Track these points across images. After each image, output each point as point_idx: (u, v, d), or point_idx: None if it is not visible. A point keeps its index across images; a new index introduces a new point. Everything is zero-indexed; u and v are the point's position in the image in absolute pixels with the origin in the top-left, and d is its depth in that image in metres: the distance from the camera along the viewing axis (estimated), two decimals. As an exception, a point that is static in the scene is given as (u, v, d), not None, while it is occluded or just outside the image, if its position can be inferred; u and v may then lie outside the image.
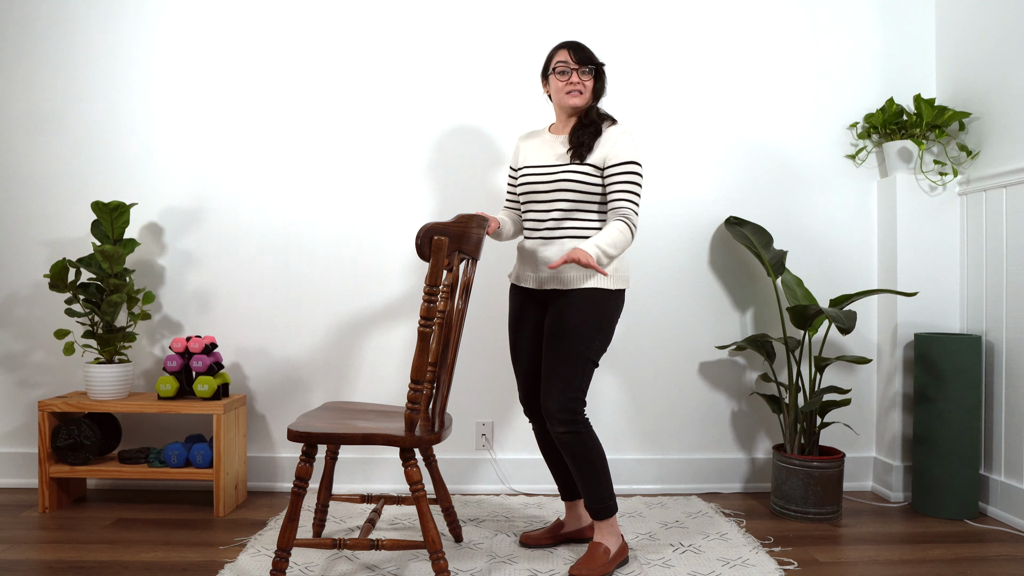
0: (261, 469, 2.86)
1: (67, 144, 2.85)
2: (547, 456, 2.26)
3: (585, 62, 2.10)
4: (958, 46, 2.81)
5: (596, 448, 2.05)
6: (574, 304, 2.06)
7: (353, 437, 1.82)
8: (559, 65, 2.10)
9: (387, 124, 2.86)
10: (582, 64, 2.10)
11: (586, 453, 2.03)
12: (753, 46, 2.90)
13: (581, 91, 2.11)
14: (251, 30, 2.85)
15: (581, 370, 2.04)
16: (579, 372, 2.04)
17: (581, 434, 2.03)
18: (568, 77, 2.10)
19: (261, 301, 2.86)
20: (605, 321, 2.07)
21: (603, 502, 2.07)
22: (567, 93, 2.11)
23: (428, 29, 2.86)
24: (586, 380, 2.06)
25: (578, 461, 2.04)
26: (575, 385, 2.03)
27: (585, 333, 2.04)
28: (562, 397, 2.02)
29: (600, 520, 2.09)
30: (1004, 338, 2.57)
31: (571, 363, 2.03)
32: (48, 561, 2.12)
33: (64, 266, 2.54)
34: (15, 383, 2.86)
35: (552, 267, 1.91)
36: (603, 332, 2.07)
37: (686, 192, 2.89)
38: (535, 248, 2.14)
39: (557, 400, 2.02)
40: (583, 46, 2.13)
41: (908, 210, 2.78)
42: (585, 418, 2.06)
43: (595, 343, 2.06)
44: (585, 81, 2.11)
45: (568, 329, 2.04)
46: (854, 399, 2.92)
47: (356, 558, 2.16)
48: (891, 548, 2.29)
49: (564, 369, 2.03)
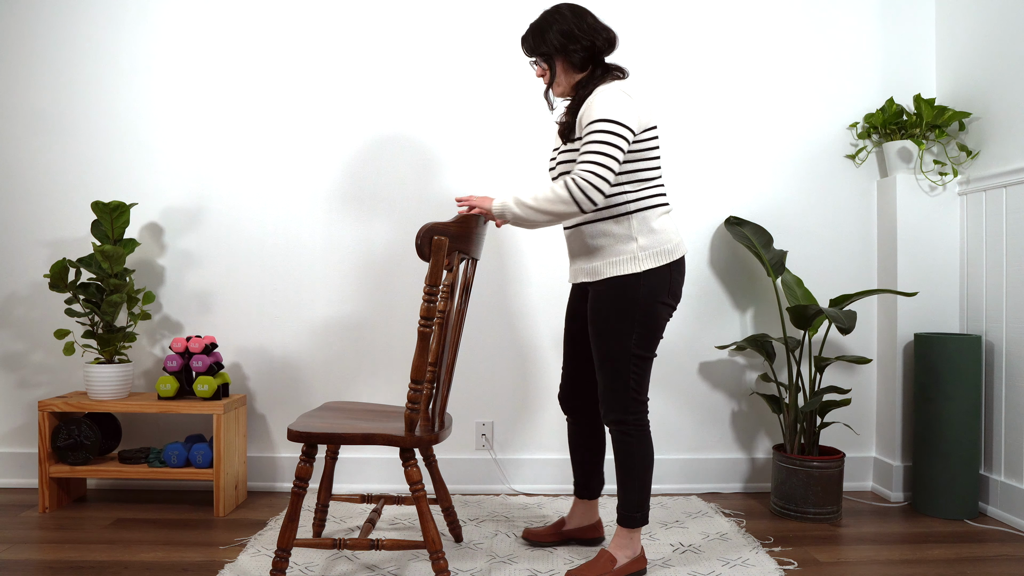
0: (261, 469, 2.86)
1: (67, 144, 2.85)
2: (572, 450, 2.23)
3: (532, 52, 1.99)
4: (958, 46, 2.81)
5: (640, 455, 1.96)
6: (601, 298, 1.95)
7: (353, 437, 1.81)
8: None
9: (387, 124, 2.86)
10: (531, 55, 1.99)
11: (626, 456, 1.97)
12: (753, 46, 2.90)
13: (547, 81, 2.00)
14: (251, 30, 2.85)
15: (624, 369, 1.93)
16: (622, 371, 1.93)
17: (629, 435, 1.96)
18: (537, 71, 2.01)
19: (261, 301, 2.86)
20: (638, 310, 1.91)
21: (631, 510, 1.99)
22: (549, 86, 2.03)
23: (427, 28, 2.86)
24: (635, 377, 1.93)
25: (618, 460, 1.99)
26: (622, 385, 1.93)
27: (617, 328, 1.92)
28: (609, 397, 1.96)
29: (623, 527, 2.01)
30: (1004, 338, 2.57)
31: (611, 363, 1.94)
32: (48, 561, 2.12)
33: (64, 266, 2.54)
34: (15, 383, 2.86)
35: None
36: (640, 323, 1.91)
37: (686, 192, 2.89)
38: (567, 240, 2.08)
39: (605, 401, 1.97)
40: (525, 35, 1.99)
41: (908, 210, 2.78)
42: (638, 420, 1.95)
43: (633, 336, 1.91)
44: (544, 70, 1.99)
45: (598, 326, 1.95)
46: (854, 399, 2.92)
47: (356, 558, 2.16)
48: (891, 548, 2.29)
49: (606, 370, 1.95)
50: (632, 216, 1.93)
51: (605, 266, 1.94)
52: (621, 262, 1.92)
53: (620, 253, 1.93)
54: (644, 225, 1.92)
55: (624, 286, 1.92)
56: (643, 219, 1.93)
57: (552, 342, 2.87)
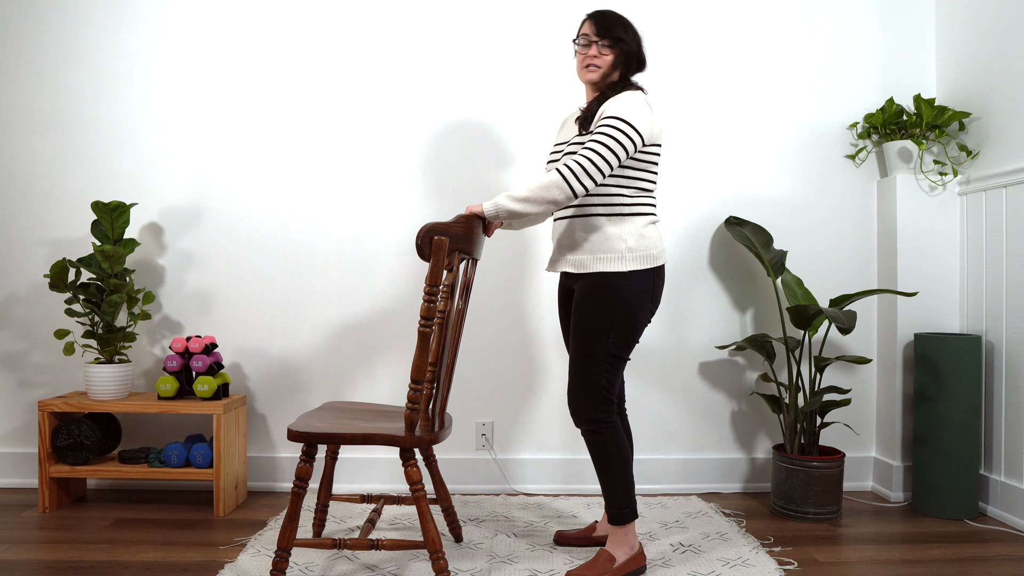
0: (261, 469, 2.86)
1: (67, 144, 2.85)
2: None
3: (605, 34, 1.98)
4: (958, 46, 2.81)
5: (616, 453, 1.98)
6: (585, 292, 1.97)
7: (353, 437, 1.81)
8: (581, 38, 2.03)
9: (387, 124, 2.86)
10: (602, 37, 1.98)
11: (603, 456, 1.98)
12: (753, 46, 2.90)
13: (599, 65, 2.00)
14: (251, 30, 2.85)
15: (599, 368, 1.95)
16: (596, 370, 1.95)
17: (602, 435, 1.97)
18: (587, 50, 2.00)
19: (261, 301, 2.86)
20: (620, 310, 1.93)
21: (619, 508, 2.01)
22: (585, 67, 2.02)
23: (427, 27, 2.86)
24: (606, 378, 1.95)
25: (596, 462, 2.01)
26: (593, 384, 1.95)
27: (597, 326, 1.93)
28: (579, 396, 1.97)
29: (614, 525, 2.04)
30: (1004, 338, 2.57)
31: (586, 360, 1.95)
32: (48, 561, 2.12)
33: (64, 266, 2.54)
34: (15, 383, 2.86)
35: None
36: (620, 322, 1.93)
37: (686, 192, 2.89)
38: (555, 230, 2.10)
39: (575, 400, 1.98)
40: (606, 15, 2.00)
41: (908, 210, 2.78)
42: (608, 418, 1.97)
43: (611, 336, 1.94)
44: (604, 55, 1.99)
45: (580, 322, 1.96)
46: (854, 399, 2.92)
47: (356, 558, 2.16)
48: (891, 548, 2.29)
49: (581, 367, 1.96)
50: (627, 219, 1.98)
51: (592, 261, 1.97)
52: (609, 259, 1.95)
53: (609, 251, 1.96)
54: (636, 229, 1.97)
55: (610, 284, 1.95)
56: (636, 224, 1.98)
57: (552, 342, 2.87)
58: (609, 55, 2.00)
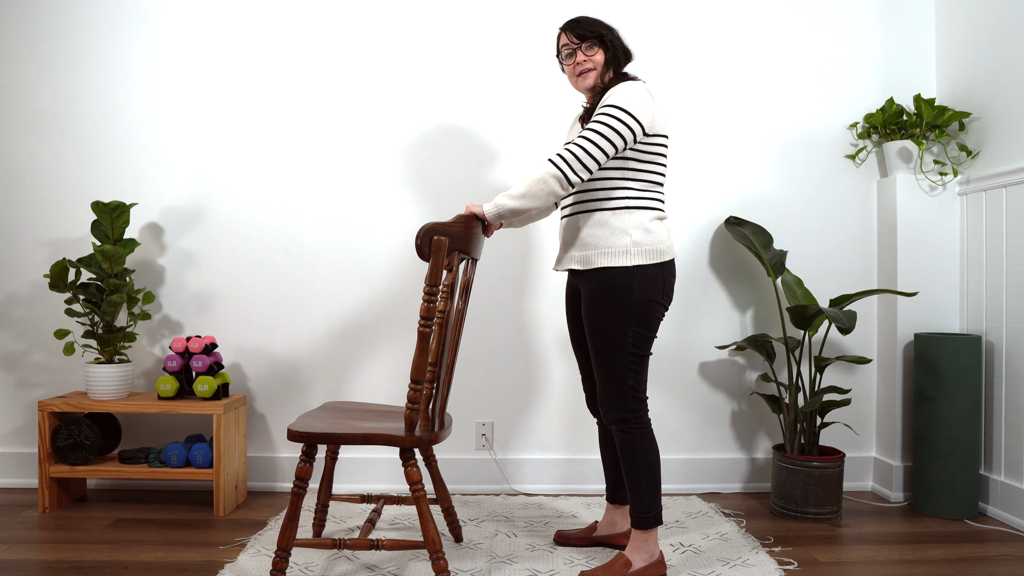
0: (261, 469, 2.86)
1: (67, 144, 2.85)
2: (602, 454, 2.24)
3: (586, 36, 1.98)
4: (958, 46, 2.81)
5: (643, 456, 1.95)
6: (594, 291, 1.94)
7: (353, 437, 1.81)
8: (564, 49, 2.02)
9: (386, 124, 2.86)
10: (584, 39, 1.98)
11: (632, 458, 1.96)
12: (753, 46, 2.90)
13: (591, 67, 1.99)
14: (251, 30, 2.86)
15: (621, 368, 1.92)
16: (619, 370, 1.92)
17: (631, 435, 1.95)
18: (574, 58, 2.00)
19: (261, 301, 2.86)
20: (631, 307, 1.90)
21: (642, 511, 1.97)
22: (578, 76, 2.01)
23: (425, 29, 2.86)
24: (633, 376, 1.93)
25: (625, 463, 1.98)
26: (619, 384, 1.93)
27: (611, 326, 1.91)
28: (607, 397, 1.96)
29: (637, 529, 1.99)
30: (1004, 338, 2.57)
31: (607, 362, 1.93)
32: (48, 561, 2.12)
33: (64, 266, 2.54)
34: (15, 383, 2.86)
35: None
36: (634, 320, 1.90)
37: (686, 192, 2.89)
38: (561, 229, 2.09)
39: (604, 401, 1.97)
40: (580, 21, 2.00)
41: (908, 210, 2.78)
42: (639, 419, 1.95)
43: (629, 334, 1.91)
44: (593, 56, 1.99)
45: (593, 323, 1.94)
46: (854, 399, 2.92)
47: (356, 558, 2.16)
48: (891, 548, 2.29)
49: (603, 368, 1.94)
50: (632, 212, 1.94)
51: (597, 256, 1.94)
52: (614, 254, 1.92)
53: (613, 246, 1.93)
54: (641, 224, 1.94)
55: (618, 281, 1.92)
56: (641, 218, 1.94)
57: (552, 342, 2.87)
58: (597, 54, 2.00)
